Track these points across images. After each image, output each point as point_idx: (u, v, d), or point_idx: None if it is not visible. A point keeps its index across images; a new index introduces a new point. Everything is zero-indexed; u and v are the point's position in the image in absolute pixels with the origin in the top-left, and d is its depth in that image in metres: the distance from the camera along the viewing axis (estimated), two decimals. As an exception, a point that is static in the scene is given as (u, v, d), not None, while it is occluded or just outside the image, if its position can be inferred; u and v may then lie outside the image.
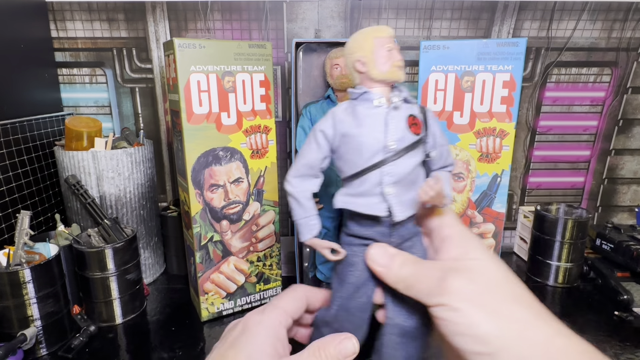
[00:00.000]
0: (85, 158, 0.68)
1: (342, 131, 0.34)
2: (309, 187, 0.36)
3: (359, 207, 0.34)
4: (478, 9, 0.83)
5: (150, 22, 0.83)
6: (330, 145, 0.34)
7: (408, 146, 0.33)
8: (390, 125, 0.33)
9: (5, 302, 0.54)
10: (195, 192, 0.61)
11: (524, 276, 0.82)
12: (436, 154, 0.35)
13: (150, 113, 0.89)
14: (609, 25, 0.84)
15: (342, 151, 0.34)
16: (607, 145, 0.91)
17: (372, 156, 0.33)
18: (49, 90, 0.83)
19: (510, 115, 0.59)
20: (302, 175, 0.36)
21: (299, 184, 0.36)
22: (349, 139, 0.33)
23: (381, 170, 0.33)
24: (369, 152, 0.33)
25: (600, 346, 0.60)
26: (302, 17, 0.83)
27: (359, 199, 0.34)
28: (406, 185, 0.34)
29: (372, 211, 0.33)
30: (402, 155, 0.33)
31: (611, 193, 0.94)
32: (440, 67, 0.60)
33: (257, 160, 0.65)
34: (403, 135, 0.33)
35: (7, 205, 0.69)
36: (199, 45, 0.56)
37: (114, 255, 0.63)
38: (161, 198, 0.93)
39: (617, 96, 0.88)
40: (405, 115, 0.34)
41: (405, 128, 0.33)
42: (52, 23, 0.83)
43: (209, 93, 0.59)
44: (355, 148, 0.33)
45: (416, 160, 0.34)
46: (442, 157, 0.36)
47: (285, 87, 0.86)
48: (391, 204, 0.33)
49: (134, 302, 0.67)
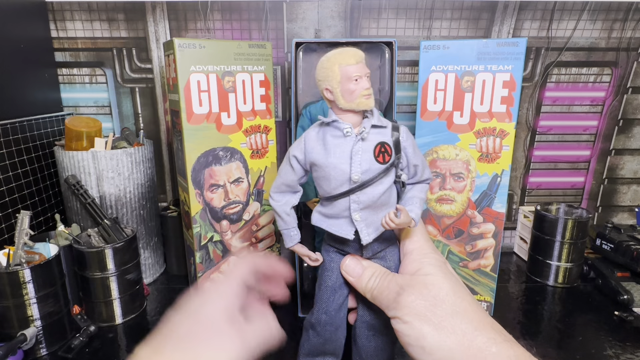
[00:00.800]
0: (85, 158, 0.68)
1: (311, 159, 0.35)
2: (290, 201, 0.38)
3: (330, 228, 0.37)
4: (478, 9, 0.83)
5: (150, 22, 0.83)
6: (303, 167, 0.37)
7: (374, 177, 0.34)
8: (355, 158, 0.34)
9: (5, 302, 0.54)
10: (195, 192, 0.61)
11: (524, 276, 0.82)
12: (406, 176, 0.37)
13: (150, 113, 0.89)
14: (609, 25, 0.84)
15: (314, 176, 0.36)
16: (607, 145, 0.91)
17: (339, 186, 0.35)
18: (48, 90, 0.83)
19: (510, 115, 0.59)
20: (282, 191, 0.38)
21: (279, 198, 0.38)
22: (317, 168, 0.35)
23: (349, 198, 0.35)
24: (336, 182, 0.35)
25: (600, 346, 0.60)
26: (302, 17, 0.83)
27: (330, 220, 0.37)
28: (375, 209, 0.36)
29: (341, 233, 0.36)
30: (368, 185, 0.34)
31: (611, 193, 0.94)
32: (440, 67, 0.60)
33: (257, 160, 0.65)
34: (369, 167, 0.34)
35: (7, 205, 0.69)
36: (199, 45, 0.56)
37: (114, 255, 0.63)
38: (161, 198, 0.93)
39: (617, 96, 0.88)
40: (372, 146, 0.35)
41: (372, 159, 0.34)
42: (52, 23, 0.83)
43: (209, 93, 0.59)
44: (323, 177, 0.35)
45: (384, 186, 0.35)
46: (416, 175, 0.38)
47: (285, 87, 0.86)
48: (359, 228, 0.35)
49: (134, 302, 0.67)
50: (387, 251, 0.38)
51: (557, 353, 0.59)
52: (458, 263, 0.68)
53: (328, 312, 0.39)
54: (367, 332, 0.40)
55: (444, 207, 0.66)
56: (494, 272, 0.66)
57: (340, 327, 0.40)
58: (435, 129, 0.62)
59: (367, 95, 0.33)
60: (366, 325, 0.40)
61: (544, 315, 0.69)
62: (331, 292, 0.39)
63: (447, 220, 0.67)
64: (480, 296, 0.68)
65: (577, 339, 0.62)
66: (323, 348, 0.41)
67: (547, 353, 0.59)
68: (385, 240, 0.38)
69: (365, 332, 0.40)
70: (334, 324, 0.39)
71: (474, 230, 0.65)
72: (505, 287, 0.78)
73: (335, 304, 0.39)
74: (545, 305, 0.72)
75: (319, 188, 0.36)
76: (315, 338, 0.40)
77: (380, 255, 0.38)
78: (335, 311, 0.39)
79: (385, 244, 0.38)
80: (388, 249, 0.38)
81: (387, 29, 0.84)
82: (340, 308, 0.39)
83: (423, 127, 0.63)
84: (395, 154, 0.35)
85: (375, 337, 0.40)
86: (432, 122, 0.62)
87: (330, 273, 0.38)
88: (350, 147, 0.34)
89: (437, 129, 0.62)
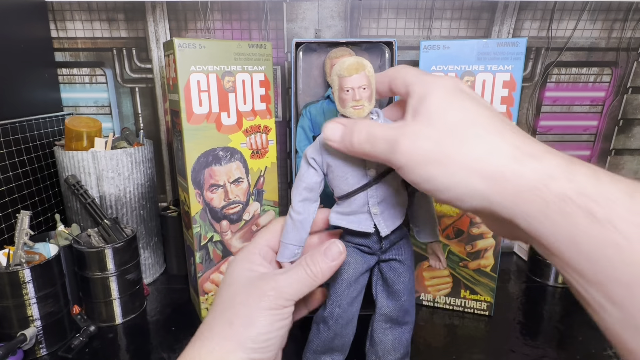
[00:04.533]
0: (85, 158, 0.67)
1: (328, 160, 0.37)
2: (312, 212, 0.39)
3: (349, 225, 0.38)
4: (478, 9, 0.83)
5: (150, 22, 0.83)
6: (321, 169, 0.38)
7: (387, 169, 0.36)
8: None
9: (5, 302, 0.54)
10: (195, 192, 0.61)
11: (524, 276, 0.82)
12: None
13: (150, 113, 0.89)
14: (609, 25, 0.84)
15: (330, 177, 0.37)
16: (607, 145, 0.91)
17: (356, 182, 0.36)
18: (48, 90, 0.83)
19: (510, 115, 0.59)
20: (305, 199, 0.38)
21: (303, 210, 0.38)
22: (334, 168, 0.37)
23: (366, 193, 0.37)
24: (352, 179, 0.36)
25: (600, 346, 0.60)
26: (302, 17, 0.83)
27: (349, 217, 0.38)
28: (391, 202, 0.38)
29: (361, 228, 0.38)
30: (382, 177, 0.36)
31: (611, 193, 0.94)
32: (440, 67, 0.60)
33: (257, 160, 0.65)
34: None
35: (7, 205, 0.69)
36: (199, 45, 0.56)
37: (113, 255, 0.63)
38: (161, 198, 0.93)
39: (617, 96, 0.88)
40: None
41: None
42: (52, 23, 0.83)
43: (209, 93, 0.59)
44: (340, 176, 0.37)
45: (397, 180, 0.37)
46: None
47: (285, 87, 0.86)
48: (377, 221, 0.37)
49: (134, 302, 0.67)
50: (402, 242, 0.41)
51: (557, 353, 0.59)
52: (458, 263, 0.68)
53: (342, 305, 0.40)
54: (383, 325, 0.42)
55: (444, 207, 0.66)
56: (494, 272, 0.66)
57: (351, 322, 0.41)
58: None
59: (355, 107, 0.34)
60: (383, 318, 0.42)
61: (544, 315, 0.69)
62: (347, 285, 0.40)
63: (447, 220, 0.66)
64: (480, 296, 0.68)
65: (577, 339, 0.62)
66: (332, 344, 0.42)
67: (547, 353, 0.59)
68: (400, 232, 0.40)
69: (382, 325, 0.42)
70: (346, 318, 0.41)
71: (474, 230, 0.66)
72: (506, 287, 0.78)
73: (349, 297, 0.40)
74: (545, 305, 0.72)
75: (336, 188, 0.38)
76: (326, 332, 0.41)
77: (397, 246, 0.40)
78: (348, 304, 0.40)
79: (401, 234, 0.40)
80: (403, 241, 0.41)
81: (387, 29, 0.84)
82: (352, 302, 0.41)
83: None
84: None
85: (392, 330, 0.42)
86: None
87: (347, 267, 0.40)
88: None
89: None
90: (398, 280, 0.41)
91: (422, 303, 0.71)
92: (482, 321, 0.67)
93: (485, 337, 0.63)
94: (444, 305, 0.70)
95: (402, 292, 0.41)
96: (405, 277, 0.41)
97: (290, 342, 0.36)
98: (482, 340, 0.63)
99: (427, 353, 0.59)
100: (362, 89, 0.34)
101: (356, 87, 0.34)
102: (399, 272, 0.41)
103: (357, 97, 0.34)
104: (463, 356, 0.58)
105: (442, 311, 0.70)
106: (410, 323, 0.42)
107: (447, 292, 0.70)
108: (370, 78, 0.34)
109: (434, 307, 0.71)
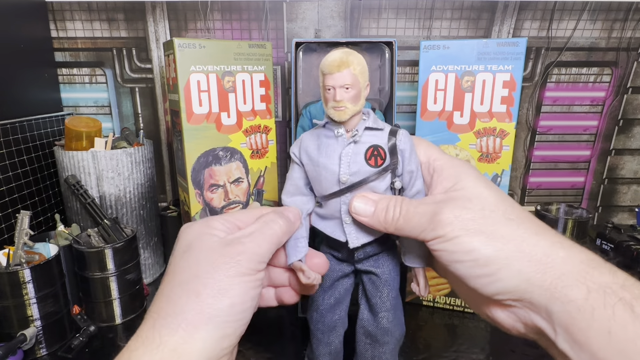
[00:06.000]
0: (85, 158, 0.67)
1: (306, 158, 0.35)
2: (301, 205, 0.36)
3: (325, 229, 0.36)
4: (478, 9, 0.83)
5: (150, 22, 0.83)
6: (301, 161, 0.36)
7: (363, 179, 0.33)
8: (344, 159, 0.33)
9: (5, 302, 0.54)
10: (195, 192, 0.61)
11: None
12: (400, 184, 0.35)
13: (150, 113, 0.89)
14: (609, 25, 0.84)
15: (309, 176, 0.36)
16: (607, 145, 0.91)
17: (329, 187, 0.34)
18: (48, 90, 0.83)
19: (510, 115, 0.59)
20: (292, 194, 0.37)
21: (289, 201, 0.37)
22: (311, 167, 0.35)
23: (340, 200, 0.34)
24: (326, 182, 0.34)
25: (601, 346, 0.60)
26: (302, 17, 0.83)
27: (325, 222, 0.36)
28: None
29: (334, 235, 0.36)
30: (356, 187, 0.33)
31: (611, 193, 0.94)
32: (440, 67, 0.60)
33: (257, 160, 0.65)
34: (358, 169, 0.33)
35: (7, 205, 0.69)
36: (199, 45, 0.56)
37: (113, 255, 0.63)
38: (161, 198, 0.93)
39: (617, 96, 0.88)
40: (364, 149, 0.33)
41: (362, 162, 0.33)
42: (52, 23, 0.83)
43: (209, 93, 0.59)
44: (315, 177, 0.35)
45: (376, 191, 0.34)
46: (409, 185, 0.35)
47: (285, 87, 0.86)
48: (348, 230, 0.35)
49: (134, 302, 0.67)
50: (381, 255, 0.38)
51: (557, 353, 0.59)
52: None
53: (318, 310, 0.39)
54: (364, 340, 0.40)
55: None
56: (494, 272, 0.66)
57: (334, 330, 0.39)
58: (436, 129, 0.62)
59: (336, 107, 0.31)
60: (363, 331, 0.40)
61: (544, 315, 0.69)
62: (322, 290, 0.39)
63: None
64: (480, 296, 0.68)
65: (577, 339, 0.62)
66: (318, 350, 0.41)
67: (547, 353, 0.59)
68: (381, 244, 0.37)
69: (363, 338, 0.40)
70: (325, 323, 0.39)
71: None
72: (505, 287, 0.78)
73: (327, 304, 0.39)
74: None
75: (314, 188, 0.36)
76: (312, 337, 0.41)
77: (373, 259, 0.38)
78: (326, 311, 0.39)
79: (380, 247, 0.37)
80: (382, 254, 0.38)
81: (387, 28, 0.84)
82: (332, 309, 0.39)
83: (423, 127, 0.63)
84: (390, 158, 0.33)
85: (372, 347, 0.40)
86: (432, 122, 0.62)
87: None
88: (341, 148, 0.33)
89: (437, 129, 0.62)
90: (375, 294, 0.38)
91: (422, 303, 0.71)
92: (482, 321, 0.67)
93: (485, 337, 0.63)
94: (444, 305, 0.70)
95: (380, 307, 0.38)
96: (383, 292, 0.38)
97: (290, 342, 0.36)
98: (482, 340, 0.62)
99: (427, 353, 0.59)
100: (345, 89, 0.30)
101: (337, 87, 0.30)
102: (376, 285, 0.38)
103: (338, 98, 0.31)
104: (463, 356, 0.58)
105: (442, 311, 0.70)
106: (391, 343, 0.39)
107: (447, 292, 0.70)
108: (357, 77, 0.31)
109: (434, 307, 0.71)
